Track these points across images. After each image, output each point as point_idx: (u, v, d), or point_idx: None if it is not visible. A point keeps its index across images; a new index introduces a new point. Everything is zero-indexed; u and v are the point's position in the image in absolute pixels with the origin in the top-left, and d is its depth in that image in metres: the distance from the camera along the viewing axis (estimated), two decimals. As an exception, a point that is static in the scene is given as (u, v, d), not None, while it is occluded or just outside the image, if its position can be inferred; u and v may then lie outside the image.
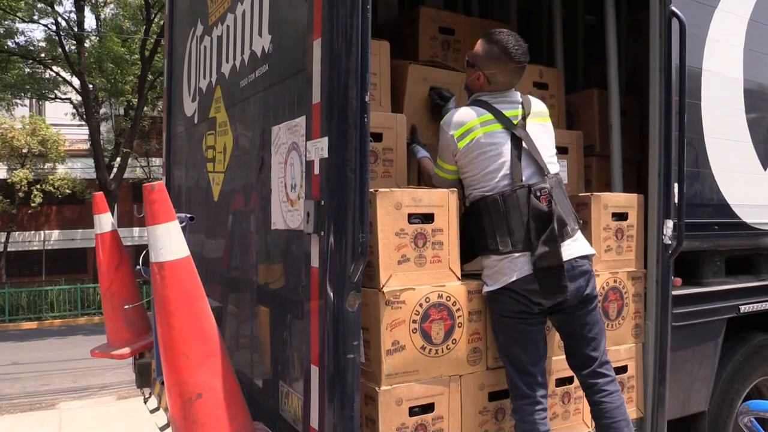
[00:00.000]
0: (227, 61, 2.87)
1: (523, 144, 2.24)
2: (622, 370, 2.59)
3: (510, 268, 2.19)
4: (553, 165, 2.31)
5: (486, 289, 2.25)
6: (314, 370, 1.97)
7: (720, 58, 2.78)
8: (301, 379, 2.10)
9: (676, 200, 2.54)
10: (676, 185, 2.54)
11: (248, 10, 2.61)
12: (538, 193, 2.18)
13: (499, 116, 2.26)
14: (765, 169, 2.96)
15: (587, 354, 2.29)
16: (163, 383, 2.23)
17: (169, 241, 2.04)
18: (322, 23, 1.95)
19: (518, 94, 2.34)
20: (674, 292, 2.62)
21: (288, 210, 2.16)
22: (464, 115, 2.27)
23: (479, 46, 2.33)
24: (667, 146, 2.55)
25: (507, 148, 2.23)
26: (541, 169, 2.24)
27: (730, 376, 2.96)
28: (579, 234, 2.28)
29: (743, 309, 2.91)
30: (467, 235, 2.27)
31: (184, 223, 2.36)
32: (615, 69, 3.13)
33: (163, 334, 2.04)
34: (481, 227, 2.24)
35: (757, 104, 2.92)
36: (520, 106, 2.31)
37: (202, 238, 3.21)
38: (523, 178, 2.21)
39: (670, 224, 2.53)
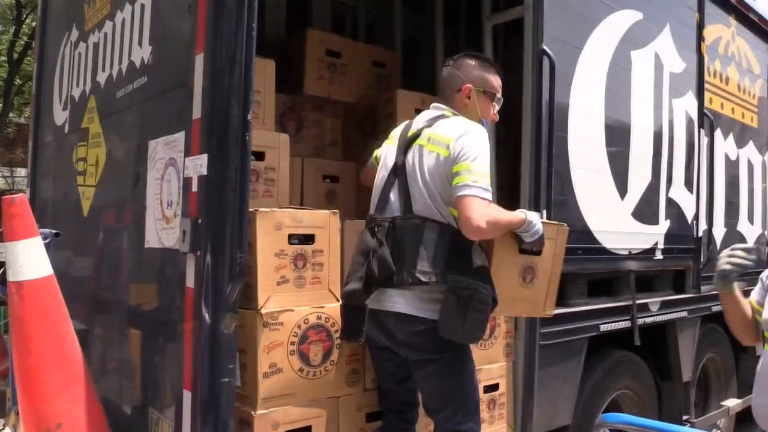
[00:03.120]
0: (103, 70, 2.74)
1: (397, 172, 2.15)
2: (494, 387, 2.70)
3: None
4: (420, 203, 2.08)
5: None
6: (186, 395, 1.89)
7: (585, 96, 3.01)
8: (172, 404, 2.01)
9: (545, 226, 2.70)
10: (545, 212, 2.71)
11: (128, 19, 2.51)
12: (376, 229, 2.08)
13: (404, 133, 2.21)
14: (622, 199, 3.22)
15: (434, 417, 2.19)
16: (18, 413, 2.06)
17: (29, 258, 1.91)
18: (206, 38, 1.91)
19: (440, 113, 2.22)
20: (542, 313, 2.77)
21: (163, 228, 2.08)
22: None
23: None
24: (537, 175, 2.71)
25: (388, 171, 2.20)
26: (407, 203, 2.10)
27: (591, 391, 3.15)
28: (417, 290, 2.04)
29: (603, 328, 3.12)
30: None
31: (47, 240, 2.21)
32: (492, 101, 3.30)
33: (20, 360, 1.90)
34: None
35: (616, 139, 3.18)
36: (422, 126, 2.18)
37: (69, 255, 3.01)
38: (381, 209, 2.15)
39: (538, 248, 2.68)
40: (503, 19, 3.26)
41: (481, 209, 1.95)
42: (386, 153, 2.28)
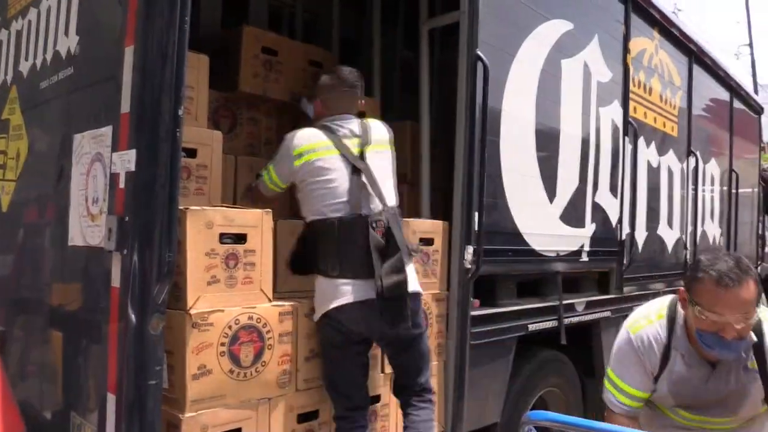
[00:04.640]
0: (26, 59, 2.62)
1: (363, 175, 2.34)
2: (425, 387, 2.73)
3: (333, 294, 2.27)
4: (391, 197, 2.43)
5: (314, 317, 2.33)
6: (111, 399, 1.83)
7: (516, 101, 3.08)
8: (96, 408, 1.95)
9: (476, 228, 2.76)
10: (476, 214, 2.76)
11: (54, 7, 2.41)
12: (375, 225, 2.29)
13: (339, 144, 2.37)
14: (551, 203, 3.32)
15: (413, 381, 2.46)
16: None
17: (-60, 256, 1.81)
18: (136, 30, 1.86)
19: (356, 120, 2.49)
20: (473, 313, 2.83)
21: (88, 225, 2.01)
22: (307, 136, 2.40)
23: (319, 78, 2.62)
24: (470, 178, 2.76)
25: (345, 176, 2.33)
26: (379, 201, 2.35)
27: (519, 389, 3.23)
28: (410, 267, 2.37)
29: (531, 327, 3.21)
30: (302, 253, 2.37)
31: (-39, 237, 2.10)
32: (426, 103, 3.34)
33: (-72, 363, 1.79)
34: (314, 249, 2.32)
35: (546, 144, 3.27)
36: (359, 134, 2.43)
37: (-14, 253, 2.87)
38: (362, 209, 2.31)
39: (470, 250, 2.74)
40: (439, 23, 3.31)
41: None
42: (329, 164, 2.35)
